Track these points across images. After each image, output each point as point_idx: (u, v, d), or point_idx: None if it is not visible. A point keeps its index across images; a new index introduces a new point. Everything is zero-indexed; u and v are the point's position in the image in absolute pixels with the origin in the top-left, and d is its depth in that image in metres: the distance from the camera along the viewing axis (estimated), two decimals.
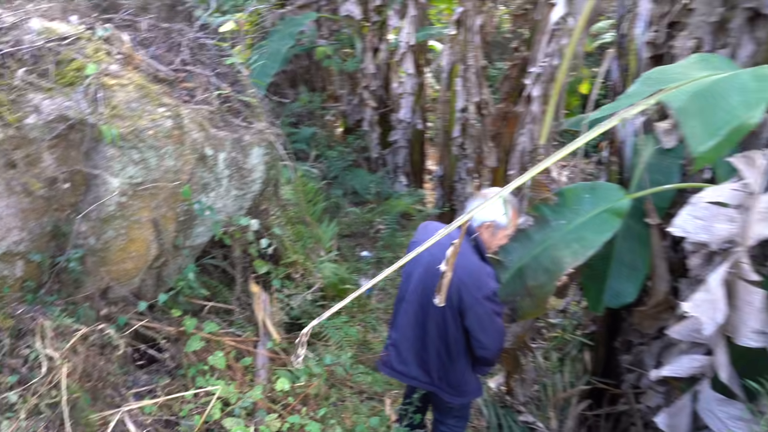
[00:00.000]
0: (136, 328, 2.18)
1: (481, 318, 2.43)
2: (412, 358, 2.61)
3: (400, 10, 5.78)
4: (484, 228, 2.46)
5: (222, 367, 2.25)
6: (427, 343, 2.56)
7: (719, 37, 2.81)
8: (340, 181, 5.77)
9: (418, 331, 2.57)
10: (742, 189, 2.10)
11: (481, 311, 2.41)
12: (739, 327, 2.17)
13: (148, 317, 2.29)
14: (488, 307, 2.42)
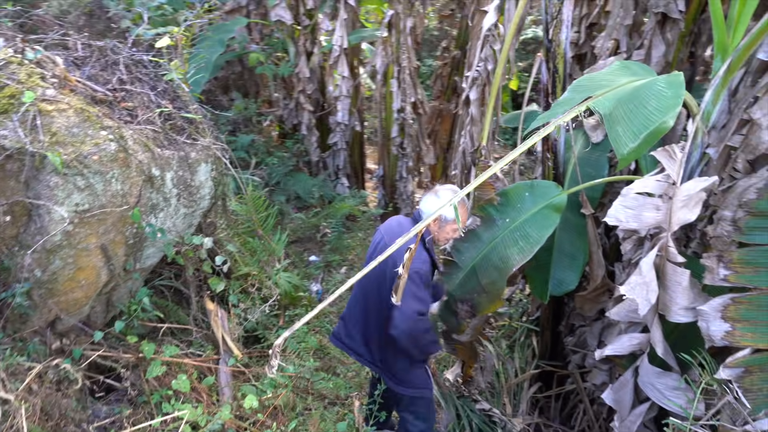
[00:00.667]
0: (92, 359, 2.10)
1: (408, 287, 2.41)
2: (357, 334, 2.70)
3: (331, 13, 5.81)
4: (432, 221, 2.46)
5: (186, 390, 2.22)
6: (369, 321, 2.64)
7: (634, 38, 3.05)
8: (282, 187, 5.73)
9: (363, 308, 2.66)
10: (665, 180, 2.30)
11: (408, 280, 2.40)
12: (670, 305, 2.38)
13: (104, 346, 2.22)
14: (409, 286, 2.39)
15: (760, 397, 2.20)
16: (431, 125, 6.68)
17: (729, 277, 2.30)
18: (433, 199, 2.52)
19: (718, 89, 2.17)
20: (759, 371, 2.22)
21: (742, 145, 2.29)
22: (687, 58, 3.00)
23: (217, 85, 6.21)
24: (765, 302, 2.23)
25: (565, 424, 3.82)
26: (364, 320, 2.65)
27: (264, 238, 3.31)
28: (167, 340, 2.49)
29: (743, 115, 2.25)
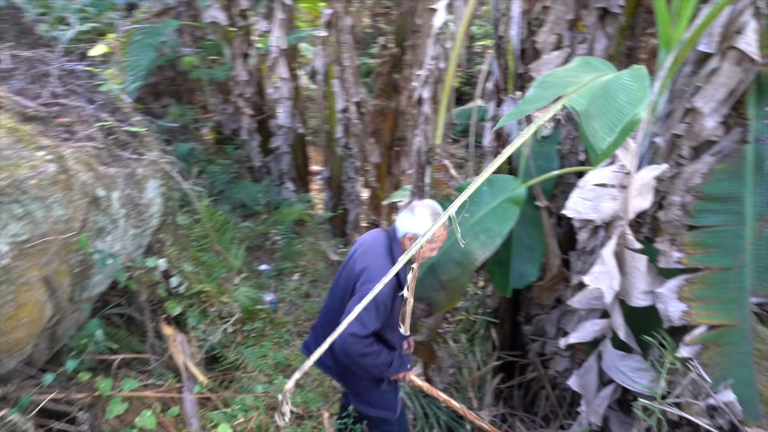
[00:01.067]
0: (42, 405, 1.90)
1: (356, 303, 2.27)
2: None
3: (267, 13, 5.63)
4: (407, 239, 2.42)
5: (152, 427, 2.06)
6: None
7: (576, 32, 3.13)
8: (226, 195, 5.51)
9: (331, 320, 2.56)
10: (620, 170, 2.38)
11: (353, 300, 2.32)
12: (630, 290, 2.47)
13: (55, 388, 2.02)
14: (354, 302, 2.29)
15: (718, 371, 2.32)
16: (374, 124, 6.64)
17: (682, 259, 2.42)
18: (408, 217, 2.41)
19: (665, 80, 2.26)
20: (715, 346, 2.34)
21: (686, 133, 2.40)
22: (625, 52, 3.12)
23: (149, 92, 5.89)
24: (716, 281, 2.36)
25: (529, 411, 3.90)
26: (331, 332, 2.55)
27: (222, 254, 3.16)
28: (123, 373, 2.31)
29: (686, 104, 2.36)
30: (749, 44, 2.13)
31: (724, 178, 2.34)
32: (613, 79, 1.68)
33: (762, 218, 2.23)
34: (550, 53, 3.07)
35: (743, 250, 2.27)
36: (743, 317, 2.29)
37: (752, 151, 2.27)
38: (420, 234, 2.33)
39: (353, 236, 6.60)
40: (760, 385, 2.26)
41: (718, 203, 2.36)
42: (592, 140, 1.49)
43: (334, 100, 5.70)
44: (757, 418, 2.24)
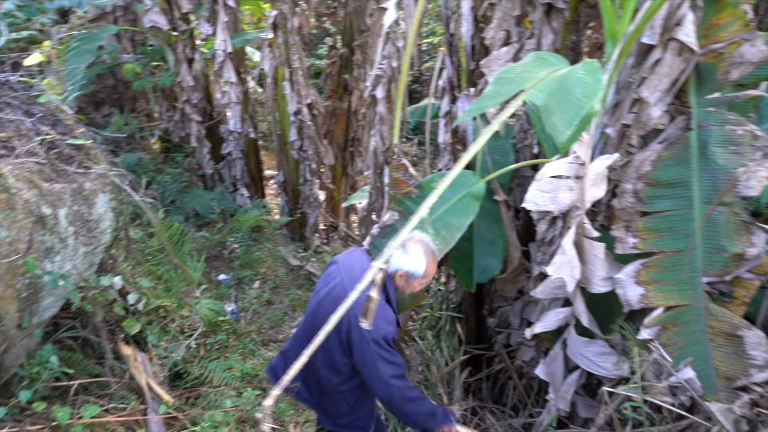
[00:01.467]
0: None
1: (365, 360, 2.26)
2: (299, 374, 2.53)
3: (210, 16, 5.49)
4: (398, 275, 2.36)
5: None
6: (313, 363, 2.44)
7: (523, 28, 3.19)
8: (178, 205, 5.33)
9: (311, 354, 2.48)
10: (576, 161, 2.44)
11: (367, 352, 2.25)
12: (590, 278, 2.53)
13: (8, 422, 1.89)
14: (375, 350, 2.23)
15: (677, 350, 2.42)
16: (326, 125, 6.60)
17: (637, 244, 2.50)
18: (399, 253, 2.35)
19: (612, 72, 2.33)
20: (673, 326, 2.43)
21: (634, 123, 2.48)
22: (570, 46, 3.21)
23: (89, 101, 5.62)
24: (670, 263, 2.45)
25: (498, 402, 3.96)
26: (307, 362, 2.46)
27: (180, 267, 3.04)
28: (82, 399, 2.18)
29: (633, 95, 2.44)
30: (688, 35, 2.22)
31: (671, 165, 2.43)
32: (568, 73, 1.71)
33: (709, 201, 2.33)
34: (500, 49, 3.12)
35: (693, 233, 2.37)
36: (697, 297, 2.39)
37: (696, 137, 2.38)
38: (412, 271, 2.32)
39: (312, 240, 6.54)
40: (715, 360, 2.36)
41: (668, 189, 2.45)
42: (553, 134, 1.51)
43: (285, 102, 5.62)
44: (716, 392, 2.34)
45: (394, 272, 2.40)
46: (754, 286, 2.38)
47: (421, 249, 2.38)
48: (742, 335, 2.32)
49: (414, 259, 2.35)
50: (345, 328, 2.27)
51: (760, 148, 2.29)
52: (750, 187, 2.28)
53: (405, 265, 2.36)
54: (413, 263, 2.35)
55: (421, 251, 2.37)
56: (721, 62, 2.32)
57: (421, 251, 2.37)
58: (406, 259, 2.36)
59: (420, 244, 2.40)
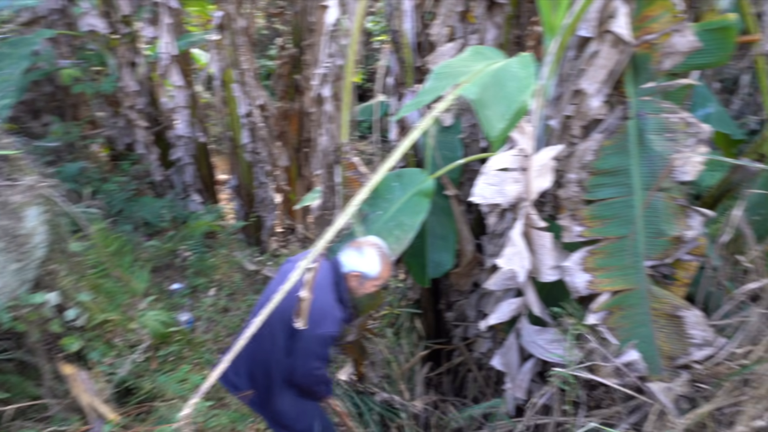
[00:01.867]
0: None
1: (300, 349, 2.38)
2: (244, 370, 2.53)
3: (152, 18, 5.31)
4: (352, 276, 2.46)
5: None
6: (258, 360, 2.49)
7: (467, 24, 3.22)
8: (126, 214, 5.14)
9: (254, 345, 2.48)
10: (520, 153, 2.47)
11: (305, 343, 2.36)
12: (539, 267, 2.58)
13: None
14: (313, 345, 2.37)
15: (622, 333, 2.49)
16: (279, 127, 6.50)
17: (583, 232, 2.56)
18: (355, 255, 2.47)
19: (552, 65, 2.37)
20: (618, 310, 2.50)
21: (575, 114, 2.53)
22: (514, 40, 3.25)
23: (25, 110, 5.36)
24: (614, 249, 2.52)
25: (459, 395, 4.00)
26: (253, 358, 2.47)
27: (122, 278, 2.93)
28: (19, 425, 2.07)
29: (573, 86, 2.49)
30: (622, 27, 2.28)
31: (612, 153, 2.50)
32: (502, 67, 1.73)
33: (648, 188, 2.41)
34: (445, 45, 3.14)
35: (635, 219, 2.44)
36: (640, 280, 2.46)
37: (634, 126, 2.45)
38: (366, 273, 2.44)
39: (269, 243, 6.43)
40: (658, 341, 2.45)
41: (609, 177, 2.52)
42: (486, 127, 1.53)
43: (235, 105, 5.50)
44: (659, 372, 2.43)
45: (348, 273, 2.48)
46: (693, 267, 2.47)
47: (375, 251, 2.49)
48: (682, 315, 2.41)
49: (368, 261, 2.46)
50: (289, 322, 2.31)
51: (694, 134, 2.37)
52: (686, 172, 2.37)
53: (359, 267, 2.46)
54: (367, 265, 2.46)
55: (375, 254, 2.48)
56: (654, 53, 2.39)
57: (376, 254, 2.49)
58: (360, 260, 2.47)
59: (374, 247, 2.51)
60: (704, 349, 2.39)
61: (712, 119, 2.99)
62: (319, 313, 2.33)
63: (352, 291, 2.52)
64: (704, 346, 2.39)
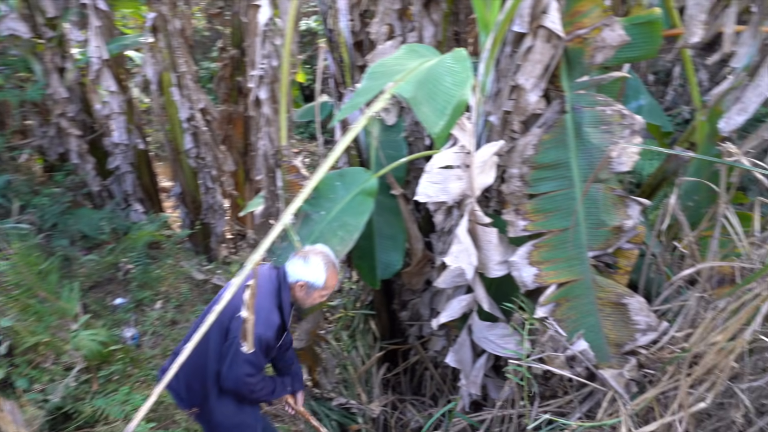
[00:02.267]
0: None
1: (230, 353, 2.32)
2: (182, 373, 2.45)
3: (80, 21, 5.04)
4: (297, 286, 2.41)
5: None
6: (196, 364, 2.42)
7: (405, 22, 3.20)
8: (61, 228, 4.86)
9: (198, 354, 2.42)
10: (461, 150, 2.46)
11: (238, 350, 2.28)
12: (486, 263, 2.58)
13: None
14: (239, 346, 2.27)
15: (570, 324, 2.52)
16: (223, 131, 6.32)
17: (527, 226, 2.58)
18: (300, 264, 2.41)
19: (488, 61, 2.37)
20: (565, 302, 2.53)
21: (514, 109, 2.55)
22: (453, 37, 3.25)
23: None
24: (558, 242, 2.54)
25: (417, 393, 3.99)
26: (192, 361, 2.39)
27: (48, 299, 2.74)
28: None
29: (511, 82, 2.50)
30: (554, 22, 2.30)
31: (551, 147, 2.53)
32: (437, 64, 1.71)
33: (586, 179, 2.44)
34: (384, 43, 3.10)
35: (576, 211, 2.47)
36: (584, 271, 2.50)
37: (570, 119, 2.48)
38: (312, 282, 2.39)
39: (219, 250, 6.25)
40: (605, 329, 2.49)
41: (550, 170, 2.54)
42: (425, 125, 1.49)
43: (174, 109, 5.29)
44: (608, 359, 2.47)
45: (294, 283, 2.43)
46: (634, 255, 2.53)
47: (321, 260, 2.43)
48: (626, 303, 2.46)
49: (314, 270, 2.40)
50: (227, 321, 2.30)
51: (628, 126, 2.42)
52: (622, 163, 2.41)
53: (305, 276, 2.40)
54: (313, 274, 2.40)
55: (321, 262, 2.42)
56: (587, 47, 2.43)
57: (322, 262, 2.42)
58: (306, 269, 2.40)
59: (321, 256, 2.45)
60: (649, 334, 2.45)
61: (645, 111, 3.09)
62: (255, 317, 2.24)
63: (298, 301, 2.47)
64: (648, 331, 2.45)
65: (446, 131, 1.56)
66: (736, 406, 2.02)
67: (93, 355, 2.90)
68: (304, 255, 2.44)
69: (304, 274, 2.40)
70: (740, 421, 1.96)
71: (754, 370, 2.00)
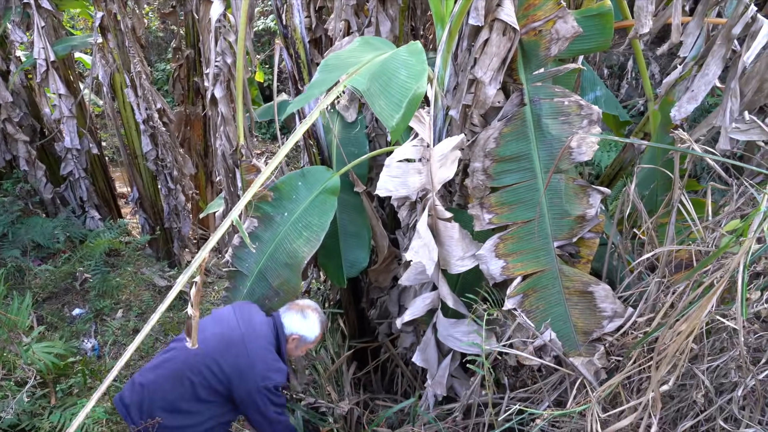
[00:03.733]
0: None
1: (257, 406, 2.39)
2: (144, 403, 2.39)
3: (23, 21, 4.82)
4: (290, 339, 2.55)
5: None
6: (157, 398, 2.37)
7: (362, 17, 3.16)
8: (12, 238, 4.66)
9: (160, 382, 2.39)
10: (420, 144, 2.45)
11: (259, 399, 2.37)
12: (448, 259, 2.57)
13: None
14: (266, 396, 2.38)
15: (539, 314, 2.54)
16: (181, 133, 6.16)
17: (492, 219, 2.58)
18: (299, 319, 2.58)
19: (445, 55, 2.36)
20: (533, 292, 2.54)
21: (474, 103, 2.54)
22: (410, 32, 3.24)
23: None
24: (523, 233, 2.55)
25: (389, 391, 3.97)
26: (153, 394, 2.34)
27: None
28: None
29: (469, 75, 2.49)
30: (509, 15, 2.30)
31: (512, 140, 2.53)
32: (391, 56, 1.68)
33: (548, 170, 2.46)
34: (341, 40, 3.06)
35: (539, 202, 2.48)
36: (550, 261, 2.52)
37: (530, 111, 2.49)
38: (305, 336, 2.57)
39: (183, 255, 6.09)
40: (573, 318, 2.52)
41: (512, 163, 2.55)
42: (381, 119, 1.46)
43: (128, 112, 5.13)
44: (577, 347, 2.50)
45: (288, 335, 2.57)
46: (595, 245, 2.56)
47: (317, 317, 2.64)
48: (592, 291, 2.49)
49: (311, 326, 2.60)
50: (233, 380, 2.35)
51: (586, 116, 2.45)
52: (582, 153, 2.44)
53: (301, 330, 2.58)
54: (309, 330, 2.59)
55: (317, 319, 2.63)
56: (542, 39, 2.44)
57: (317, 319, 2.63)
58: (303, 324, 2.58)
59: (316, 313, 2.65)
60: (615, 320, 2.48)
61: (601, 102, 3.14)
62: (266, 367, 2.39)
63: (288, 352, 2.60)
64: (615, 318, 2.48)
65: (403, 125, 1.53)
66: (696, 387, 2.06)
67: (48, 369, 2.77)
68: (301, 309, 2.62)
69: (300, 328, 2.57)
70: (701, 402, 2.00)
71: (712, 351, 2.05)
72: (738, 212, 2.12)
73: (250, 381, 2.34)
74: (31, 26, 4.78)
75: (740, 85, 2.34)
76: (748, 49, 2.26)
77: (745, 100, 2.38)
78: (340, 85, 1.46)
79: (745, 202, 2.14)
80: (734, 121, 2.35)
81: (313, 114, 1.33)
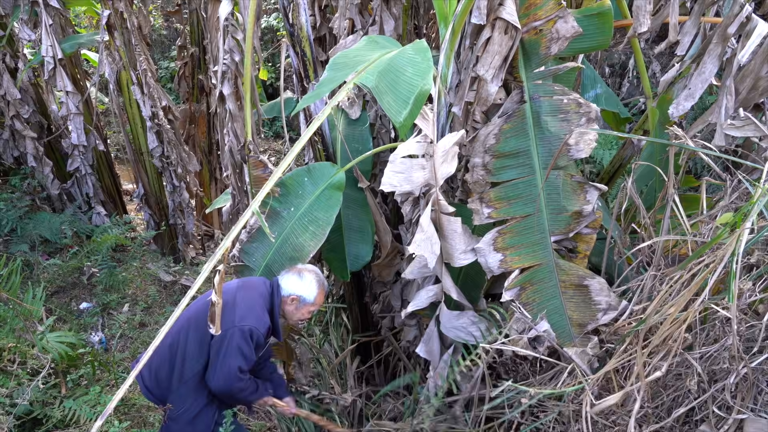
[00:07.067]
0: None
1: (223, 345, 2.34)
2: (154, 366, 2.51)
3: (31, 20, 4.89)
4: (289, 300, 2.55)
5: None
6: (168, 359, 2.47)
7: (366, 16, 3.22)
8: (20, 233, 4.73)
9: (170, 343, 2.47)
10: (424, 140, 2.51)
11: (228, 339, 2.32)
12: (452, 252, 2.63)
13: None
14: (237, 339, 2.32)
15: (535, 307, 2.60)
16: (186, 130, 6.23)
17: (491, 214, 2.64)
18: (295, 279, 2.58)
19: (448, 53, 2.42)
20: (530, 285, 2.61)
21: (476, 100, 2.61)
22: (413, 30, 3.30)
23: None
24: (522, 228, 2.62)
25: None
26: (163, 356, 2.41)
27: (11, 301, 2.67)
28: None
29: (471, 73, 2.56)
30: (511, 14, 2.36)
31: (512, 136, 2.59)
32: (398, 55, 1.74)
33: (547, 167, 2.52)
34: (346, 38, 3.12)
35: (538, 197, 2.55)
36: (547, 255, 2.58)
37: (529, 108, 2.55)
38: (303, 297, 2.56)
39: (187, 251, 6.17)
40: (568, 311, 2.58)
41: (512, 159, 2.61)
42: (389, 115, 1.53)
43: (135, 109, 5.20)
44: (572, 339, 2.56)
45: (286, 296, 2.58)
46: (592, 240, 2.62)
47: (314, 278, 2.62)
48: (587, 284, 2.55)
49: (308, 286, 2.59)
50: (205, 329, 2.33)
51: (584, 114, 2.51)
52: (581, 150, 2.50)
53: (299, 291, 2.58)
54: (307, 290, 2.58)
55: (314, 280, 2.62)
56: (542, 38, 2.50)
57: (315, 280, 2.62)
58: (300, 285, 2.58)
59: (313, 274, 2.64)
60: (609, 313, 2.54)
61: (602, 99, 3.19)
62: (247, 311, 2.37)
63: (287, 314, 2.60)
64: (609, 310, 2.54)
65: (410, 120, 1.60)
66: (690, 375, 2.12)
67: (61, 358, 2.84)
68: (298, 271, 2.61)
69: (297, 288, 2.56)
70: (695, 389, 2.06)
71: (706, 340, 2.11)
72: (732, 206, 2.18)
73: (227, 321, 2.32)
74: (38, 24, 4.85)
75: (735, 83, 2.40)
76: (742, 48, 2.32)
77: (740, 98, 2.44)
78: (350, 83, 1.52)
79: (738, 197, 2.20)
80: (729, 118, 2.41)
81: (325, 110, 1.39)
